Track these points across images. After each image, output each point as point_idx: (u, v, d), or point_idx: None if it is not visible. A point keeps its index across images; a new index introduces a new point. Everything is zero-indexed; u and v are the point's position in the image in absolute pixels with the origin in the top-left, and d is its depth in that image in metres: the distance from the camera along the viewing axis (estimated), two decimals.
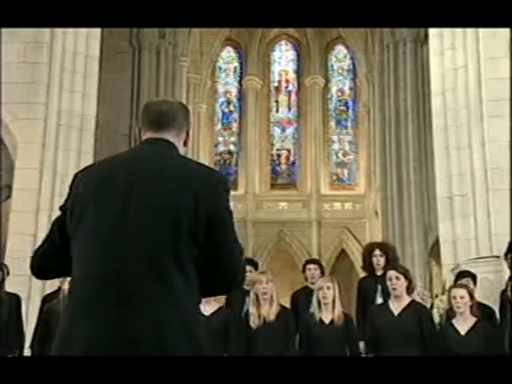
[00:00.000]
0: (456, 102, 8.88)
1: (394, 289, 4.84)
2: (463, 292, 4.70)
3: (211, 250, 1.74)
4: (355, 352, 4.96)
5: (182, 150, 1.93)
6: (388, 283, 4.92)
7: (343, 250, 21.70)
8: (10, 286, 6.18)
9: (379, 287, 5.52)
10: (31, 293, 8.21)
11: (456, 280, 5.94)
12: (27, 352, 5.88)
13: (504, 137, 8.69)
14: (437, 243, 12.22)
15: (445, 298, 7.58)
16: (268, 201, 22.37)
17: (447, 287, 8.23)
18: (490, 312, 5.63)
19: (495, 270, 7.04)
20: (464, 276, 5.87)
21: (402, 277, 4.86)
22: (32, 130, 8.97)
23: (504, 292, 5.48)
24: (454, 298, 4.69)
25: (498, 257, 7.19)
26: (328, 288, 4.99)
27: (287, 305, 5.69)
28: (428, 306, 7.43)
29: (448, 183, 8.86)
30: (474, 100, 8.68)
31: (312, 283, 6.08)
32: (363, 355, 5.02)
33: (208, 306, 4.93)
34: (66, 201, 1.88)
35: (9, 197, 10.96)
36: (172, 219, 1.70)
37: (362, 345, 5.28)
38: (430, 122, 9.85)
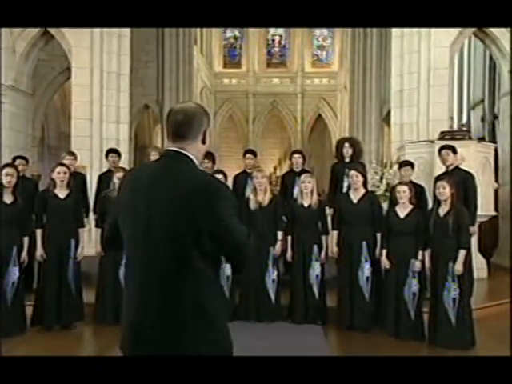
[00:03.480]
0: None
1: (354, 183, 4.82)
2: (405, 188, 4.61)
3: (217, 247, 1.60)
4: (325, 226, 5.01)
5: (199, 150, 1.68)
6: (349, 180, 4.87)
7: (320, 115, 21.38)
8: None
9: (346, 171, 5.47)
10: (92, 164, 8.20)
11: (400, 167, 5.77)
12: (91, 218, 5.93)
13: (445, 43, 8.19)
14: (388, 113, 11.91)
15: (392, 171, 7.53)
16: (264, 77, 21.59)
17: (394, 161, 8.18)
18: (421, 190, 5.55)
19: (429, 151, 6.91)
20: (406, 165, 5.71)
21: (359, 175, 4.80)
22: (82, 36, 8.38)
23: (437, 178, 5.14)
24: (398, 192, 4.60)
25: (432, 141, 7.07)
26: (309, 182, 4.94)
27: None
28: (379, 177, 7.41)
29: (400, 79, 8.49)
30: None
31: (296, 168, 6.01)
32: (330, 228, 5.07)
33: None
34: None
35: (69, 78, 10.46)
36: (180, 232, 1.55)
37: (331, 210, 5.30)
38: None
